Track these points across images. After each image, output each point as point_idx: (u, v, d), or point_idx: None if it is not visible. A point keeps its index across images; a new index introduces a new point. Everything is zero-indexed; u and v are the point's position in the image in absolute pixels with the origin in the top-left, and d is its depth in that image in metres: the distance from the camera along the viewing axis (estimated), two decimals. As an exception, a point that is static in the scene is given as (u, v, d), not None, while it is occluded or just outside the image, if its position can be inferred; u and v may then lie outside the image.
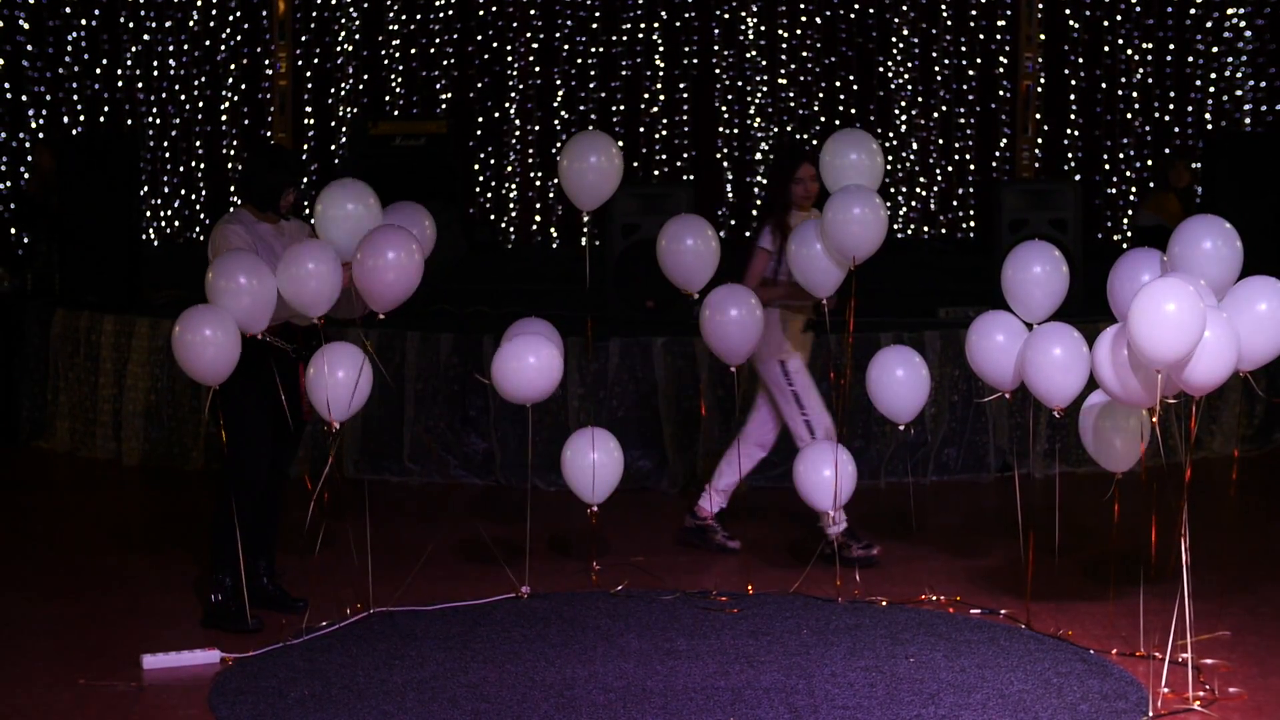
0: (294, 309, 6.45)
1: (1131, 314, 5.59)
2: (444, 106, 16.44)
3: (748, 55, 16.53)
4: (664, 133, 16.62)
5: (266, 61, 15.72)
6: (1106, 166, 16.06)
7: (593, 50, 16.52)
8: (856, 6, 16.42)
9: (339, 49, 16.45)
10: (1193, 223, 6.11)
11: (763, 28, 16.48)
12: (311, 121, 16.39)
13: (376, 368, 6.65)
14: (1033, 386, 6.37)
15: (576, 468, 7.28)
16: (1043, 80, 15.08)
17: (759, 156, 16.60)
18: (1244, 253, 6.06)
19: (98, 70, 16.09)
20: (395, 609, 6.87)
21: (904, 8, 16.32)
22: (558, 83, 16.53)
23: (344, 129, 16.22)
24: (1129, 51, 15.89)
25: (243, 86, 16.33)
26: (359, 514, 7.19)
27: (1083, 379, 6.27)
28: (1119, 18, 15.87)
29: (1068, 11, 15.87)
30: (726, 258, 7.35)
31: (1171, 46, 15.83)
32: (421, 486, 9.53)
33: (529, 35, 16.49)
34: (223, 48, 16.31)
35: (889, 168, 16.58)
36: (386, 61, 16.52)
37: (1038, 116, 14.63)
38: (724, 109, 16.59)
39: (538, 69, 16.51)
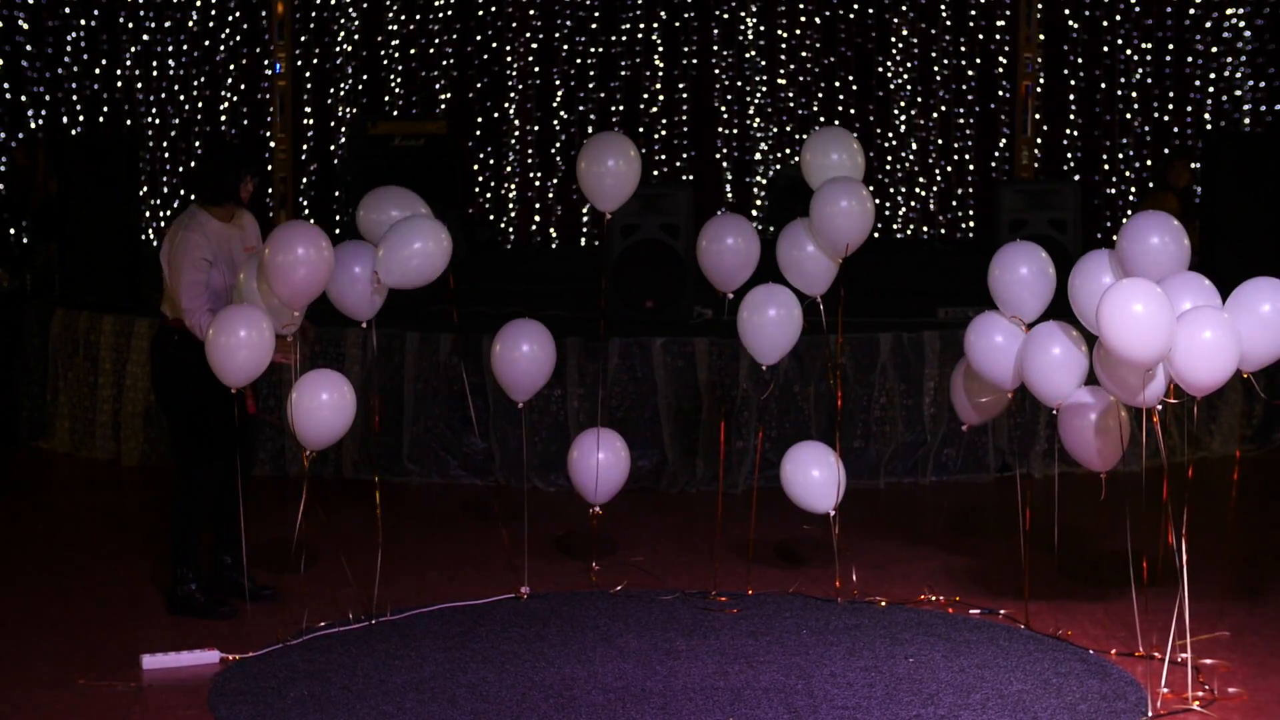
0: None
1: (1100, 316, 5.64)
2: (443, 107, 16.44)
3: (747, 55, 16.52)
4: (663, 133, 16.62)
5: (266, 61, 15.71)
6: (1106, 166, 16.05)
7: (592, 50, 16.52)
8: (856, 6, 16.41)
9: (339, 49, 16.45)
10: (1140, 218, 6.20)
11: (762, 28, 16.47)
12: (311, 121, 16.38)
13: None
14: (1031, 385, 6.38)
15: (584, 468, 7.28)
16: (1042, 80, 15.08)
17: (759, 156, 16.60)
18: (1242, 254, 6.10)
19: (97, 70, 16.08)
20: (397, 616, 6.87)
21: (903, 8, 16.31)
22: (557, 83, 16.53)
23: (343, 129, 16.21)
24: (1128, 51, 15.88)
25: (242, 86, 16.32)
26: (359, 516, 7.19)
27: (1080, 377, 6.28)
28: (1118, 18, 15.86)
29: (1067, 11, 15.86)
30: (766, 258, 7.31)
31: (1171, 46, 15.82)
32: (421, 486, 9.53)
33: (528, 35, 16.49)
34: (222, 48, 16.30)
35: (888, 168, 16.59)
36: (386, 61, 16.52)
37: (1037, 116, 14.63)
38: (724, 109, 16.59)
39: (537, 69, 16.51)
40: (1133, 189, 15.92)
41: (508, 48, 16.49)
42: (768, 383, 7.81)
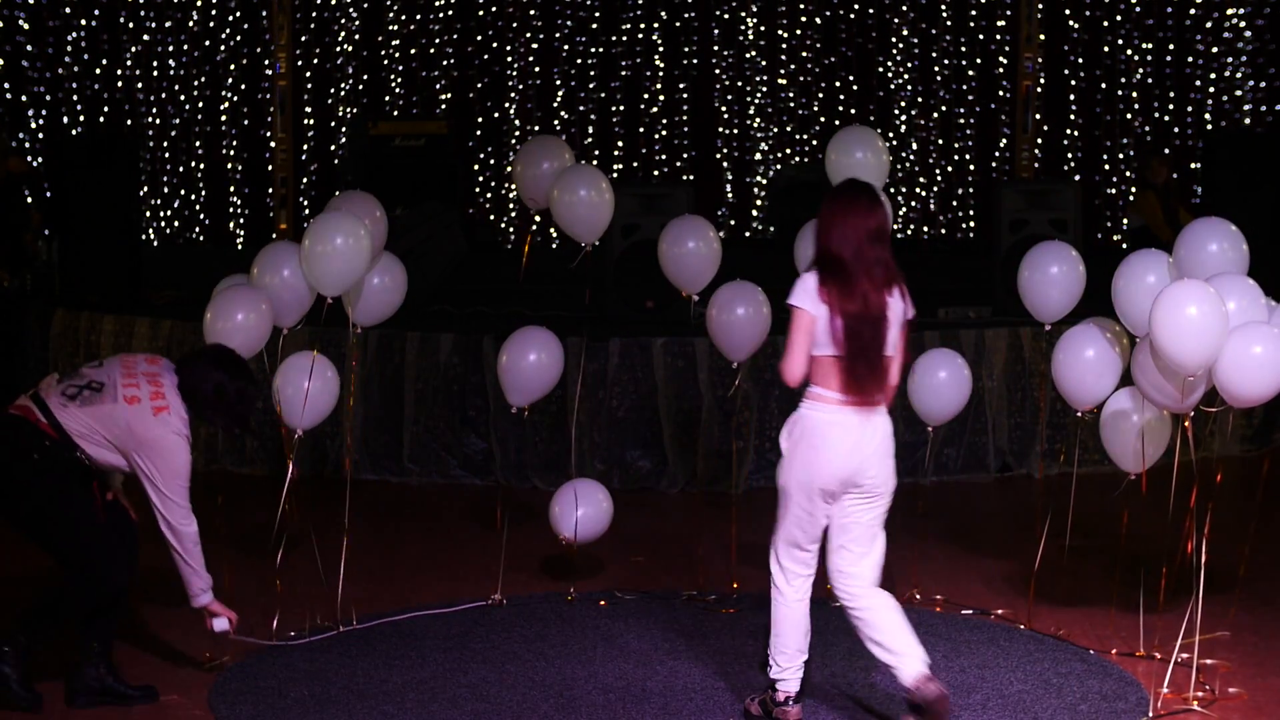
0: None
1: (1153, 321, 5.55)
2: (444, 107, 16.44)
3: (747, 55, 16.53)
4: (664, 133, 16.62)
5: (266, 61, 15.72)
6: (1106, 166, 16.06)
7: (593, 50, 16.52)
8: (856, 6, 16.42)
9: (339, 49, 16.45)
10: (1198, 225, 6.12)
11: (763, 28, 16.48)
12: (311, 121, 16.39)
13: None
14: (1062, 387, 6.37)
15: (565, 521, 7.24)
16: (1042, 80, 15.08)
17: (759, 156, 16.60)
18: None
19: (98, 70, 16.09)
20: (397, 618, 6.87)
21: (904, 8, 16.32)
22: (557, 83, 16.53)
23: (344, 129, 16.22)
24: (1129, 51, 15.89)
25: (242, 86, 16.33)
26: (358, 516, 7.18)
27: (1114, 381, 6.26)
28: (1119, 18, 15.87)
29: (1067, 11, 15.87)
30: (728, 259, 7.35)
31: (1171, 46, 15.83)
32: (421, 487, 9.53)
33: (529, 35, 16.49)
34: (222, 48, 16.31)
35: (889, 168, 16.60)
36: (386, 62, 16.52)
37: (1037, 116, 14.63)
38: (724, 109, 16.59)
39: (538, 69, 16.52)
40: (1132, 189, 15.93)
41: (508, 48, 16.50)
42: (738, 378, 7.79)
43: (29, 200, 12.55)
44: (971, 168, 16.45)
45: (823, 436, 5.45)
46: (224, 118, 16.41)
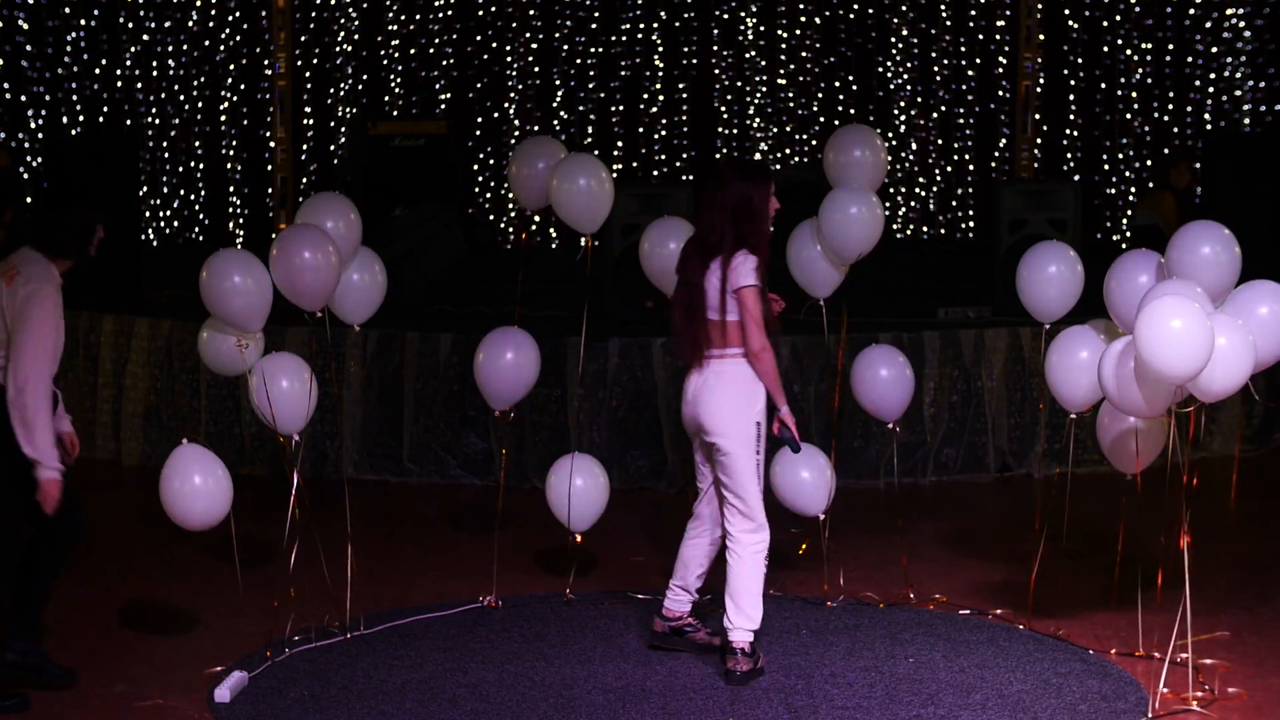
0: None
1: (1138, 332, 5.51)
2: (443, 106, 16.44)
3: (747, 55, 16.52)
4: (663, 133, 16.61)
5: (266, 61, 15.72)
6: (1106, 166, 16.05)
7: (592, 50, 16.52)
8: (856, 6, 16.41)
9: (339, 49, 16.45)
10: (1191, 228, 6.11)
11: (762, 28, 16.47)
12: (311, 121, 16.39)
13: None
14: (1055, 389, 6.37)
15: (558, 493, 7.21)
16: (1042, 80, 15.08)
17: (758, 156, 16.59)
18: (1242, 255, 6.05)
19: (97, 70, 16.09)
20: (395, 623, 6.87)
21: (903, 8, 16.31)
22: (557, 83, 16.53)
23: (343, 129, 16.22)
24: (1128, 51, 15.88)
25: (242, 86, 16.33)
26: (358, 516, 7.17)
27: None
28: (1118, 18, 15.86)
29: (1067, 11, 15.86)
30: None
31: (1171, 46, 15.82)
32: (421, 487, 9.53)
33: (528, 35, 16.49)
34: (222, 48, 16.31)
35: (888, 168, 16.58)
36: (386, 61, 16.52)
37: (1037, 117, 14.63)
38: (723, 109, 16.59)
39: (537, 69, 16.51)
40: (1133, 189, 15.93)
41: (508, 48, 16.49)
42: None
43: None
44: (971, 168, 16.45)
45: (682, 389, 6.23)
46: (224, 117, 16.41)
